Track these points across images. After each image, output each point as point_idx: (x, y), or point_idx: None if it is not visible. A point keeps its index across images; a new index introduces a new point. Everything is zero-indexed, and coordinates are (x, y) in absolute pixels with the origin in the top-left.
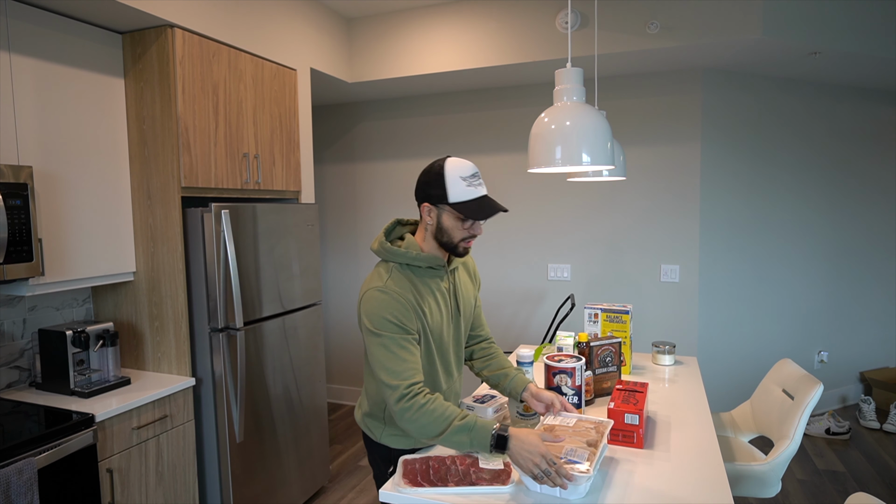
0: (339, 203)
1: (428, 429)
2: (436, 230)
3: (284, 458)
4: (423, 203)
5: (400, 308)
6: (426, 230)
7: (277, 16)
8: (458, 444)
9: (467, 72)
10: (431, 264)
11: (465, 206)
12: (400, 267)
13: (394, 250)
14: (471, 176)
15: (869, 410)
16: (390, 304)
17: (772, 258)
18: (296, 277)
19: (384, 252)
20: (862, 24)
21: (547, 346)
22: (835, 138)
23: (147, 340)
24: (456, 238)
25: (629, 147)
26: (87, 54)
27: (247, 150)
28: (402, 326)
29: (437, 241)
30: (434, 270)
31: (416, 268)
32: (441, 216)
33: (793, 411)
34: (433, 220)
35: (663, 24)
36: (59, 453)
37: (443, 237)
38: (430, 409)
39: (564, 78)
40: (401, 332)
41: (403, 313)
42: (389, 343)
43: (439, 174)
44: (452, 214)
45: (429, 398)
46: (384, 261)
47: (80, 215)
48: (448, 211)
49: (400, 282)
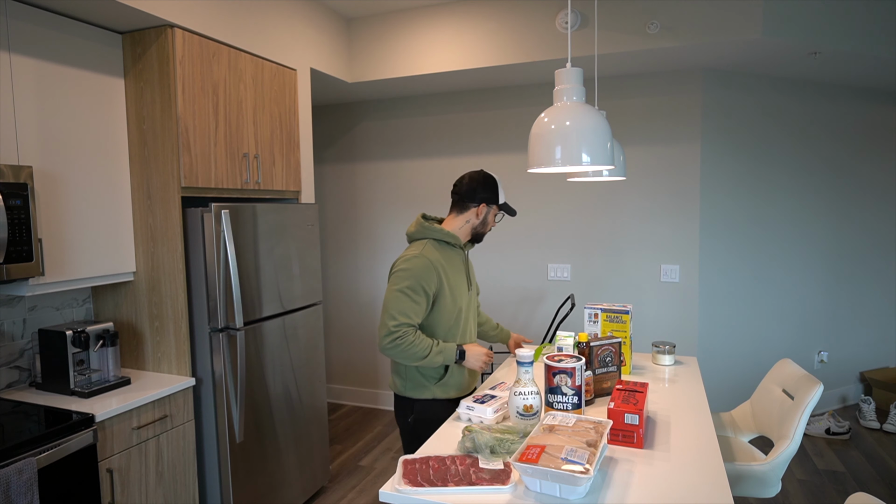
0: (339, 203)
1: (412, 359)
2: (480, 224)
3: (284, 458)
4: (481, 203)
5: (426, 271)
6: (467, 223)
7: (277, 16)
8: (434, 363)
9: (467, 72)
10: (458, 243)
11: (506, 207)
12: (433, 242)
13: (434, 227)
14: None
15: (869, 410)
16: (419, 266)
17: (772, 258)
18: (296, 277)
19: (424, 230)
20: (862, 24)
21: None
22: (835, 138)
23: (147, 340)
24: (488, 228)
25: (629, 147)
26: (87, 54)
27: (247, 150)
28: (420, 284)
29: (474, 231)
30: (454, 248)
31: (445, 244)
32: (489, 214)
33: (793, 411)
34: (482, 217)
35: (663, 24)
36: (59, 453)
37: (484, 228)
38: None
39: (564, 78)
40: (417, 288)
41: (427, 276)
42: (403, 292)
43: (494, 183)
44: (495, 212)
45: (415, 336)
46: (418, 240)
47: (80, 215)
48: (494, 209)
49: (432, 252)
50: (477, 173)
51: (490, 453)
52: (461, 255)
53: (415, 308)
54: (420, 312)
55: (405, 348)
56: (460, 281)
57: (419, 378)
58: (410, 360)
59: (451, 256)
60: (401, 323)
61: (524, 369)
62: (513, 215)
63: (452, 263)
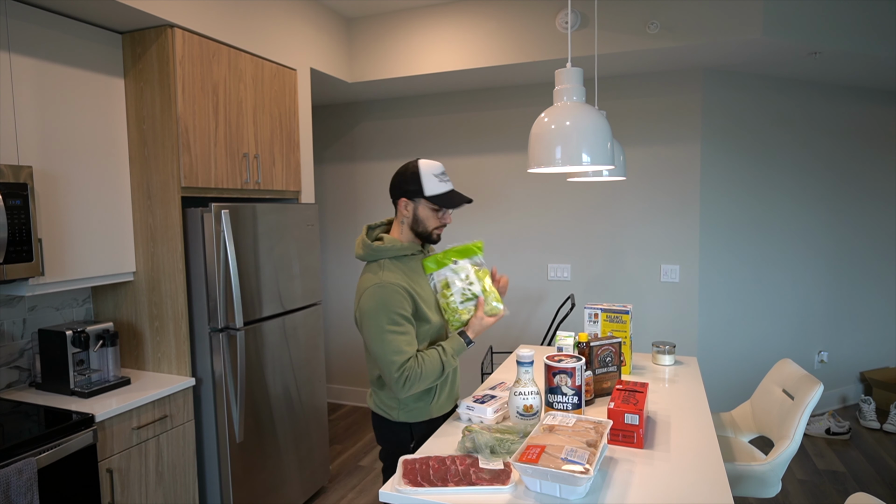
0: (339, 203)
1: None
2: (412, 221)
3: (284, 458)
4: (401, 198)
5: (395, 298)
6: (402, 223)
7: (277, 16)
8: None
9: (467, 72)
10: (413, 251)
11: (438, 198)
12: (389, 261)
13: (380, 247)
14: (441, 173)
15: (869, 410)
16: (386, 297)
17: (772, 258)
18: (296, 277)
19: (372, 252)
20: (862, 24)
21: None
22: (835, 138)
23: (147, 340)
24: (430, 227)
25: (629, 147)
26: (87, 54)
27: (247, 150)
28: (397, 313)
29: (413, 232)
30: (413, 256)
31: (402, 257)
32: (417, 209)
33: (793, 411)
34: (409, 213)
35: (663, 24)
36: (59, 453)
37: (419, 227)
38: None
39: (564, 78)
40: (397, 320)
41: (398, 302)
42: (387, 332)
43: (415, 173)
44: (427, 206)
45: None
46: (372, 261)
47: (79, 215)
48: (423, 203)
49: (393, 272)
50: (404, 165)
51: (490, 453)
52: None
53: (406, 339)
54: (412, 339)
55: (421, 379)
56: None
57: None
58: (433, 382)
59: (414, 267)
60: (402, 363)
61: (524, 369)
62: (455, 206)
63: (418, 274)
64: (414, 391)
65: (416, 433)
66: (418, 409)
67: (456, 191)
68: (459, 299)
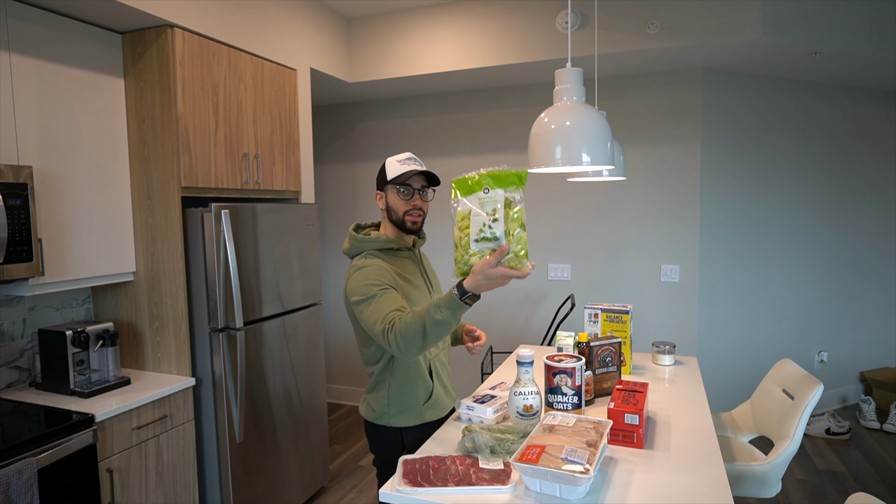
0: (339, 203)
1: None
2: (388, 212)
3: (284, 458)
4: (376, 192)
5: (378, 272)
6: (384, 219)
7: (277, 16)
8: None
9: (467, 72)
10: (398, 245)
11: (397, 178)
12: (373, 252)
13: (365, 238)
14: (406, 158)
15: (869, 410)
16: (369, 272)
17: (772, 258)
18: (296, 277)
19: (357, 243)
20: (862, 24)
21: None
22: (835, 138)
23: (147, 340)
24: (400, 211)
25: (629, 147)
26: (87, 54)
27: (247, 150)
28: (379, 280)
29: (394, 224)
30: (401, 251)
31: (386, 250)
32: (387, 197)
33: (793, 411)
34: (383, 204)
35: (663, 24)
36: (59, 453)
37: (392, 215)
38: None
39: (564, 78)
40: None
41: (382, 274)
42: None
43: (382, 166)
44: (393, 190)
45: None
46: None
47: (80, 215)
48: (390, 189)
49: (375, 260)
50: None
51: (490, 453)
52: (411, 257)
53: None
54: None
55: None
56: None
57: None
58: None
59: (400, 263)
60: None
61: (524, 369)
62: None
63: (404, 268)
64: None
65: (408, 439)
66: (409, 412)
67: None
68: (475, 236)
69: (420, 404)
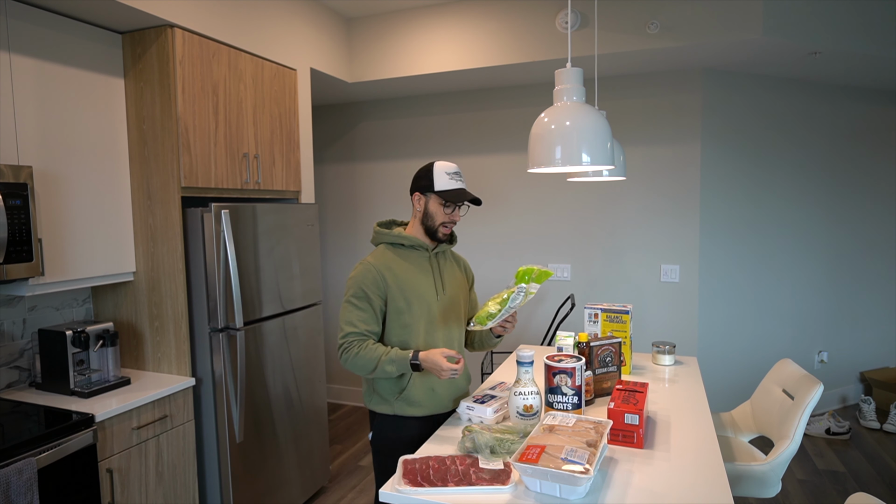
0: (339, 203)
1: (363, 370)
2: (423, 215)
3: (284, 458)
4: (415, 193)
5: (368, 277)
6: (415, 218)
7: (277, 16)
8: (389, 373)
9: (467, 72)
10: (413, 244)
11: (446, 193)
12: (386, 246)
13: (383, 231)
14: (454, 173)
15: (869, 410)
16: (360, 273)
17: (772, 258)
18: (296, 277)
19: (377, 235)
20: (862, 24)
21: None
22: (835, 138)
23: (147, 340)
24: (438, 221)
25: (629, 147)
26: (87, 54)
27: (247, 150)
28: (362, 290)
29: (423, 226)
30: (416, 250)
31: (399, 246)
32: (428, 202)
33: (793, 411)
34: (421, 207)
35: (663, 24)
36: (59, 453)
37: (428, 221)
38: (362, 355)
39: (564, 78)
40: (360, 295)
41: (368, 280)
42: (349, 302)
43: (429, 170)
44: (436, 200)
45: (361, 347)
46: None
47: (80, 215)
48: (433, 198)
49: (381, 256)
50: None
51: (490, 453)
52: (425, 257)
53: (361, 315)
54: (368, 319)
55: (353, 360)
56: (422, 284)
57: (380, 390)
58: (362, 372)
59: (412, 259)
60: (347, 333)
61: (524, 369)
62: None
63: (413, 265)
64: (350, 368)
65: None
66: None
67: (465, 190)
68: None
69: (392, 397)
